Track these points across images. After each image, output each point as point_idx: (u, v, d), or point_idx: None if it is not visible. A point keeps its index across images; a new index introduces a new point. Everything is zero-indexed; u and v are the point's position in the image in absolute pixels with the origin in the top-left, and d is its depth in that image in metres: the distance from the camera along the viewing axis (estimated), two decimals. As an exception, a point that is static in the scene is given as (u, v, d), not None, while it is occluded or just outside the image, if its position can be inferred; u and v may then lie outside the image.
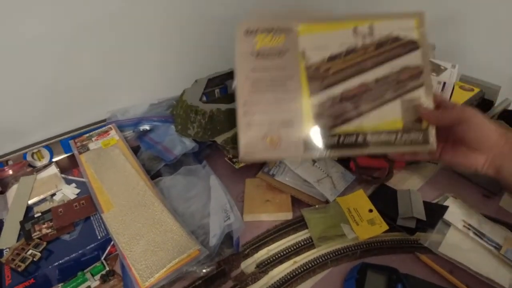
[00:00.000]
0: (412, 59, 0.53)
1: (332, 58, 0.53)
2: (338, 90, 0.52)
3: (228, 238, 0.67)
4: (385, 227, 0.70)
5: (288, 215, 0.74)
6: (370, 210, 0.73)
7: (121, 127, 0.91)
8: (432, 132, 0.51)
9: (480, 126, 0.50)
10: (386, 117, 0.51)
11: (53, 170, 0.83)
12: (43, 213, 0.70)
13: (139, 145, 0.89)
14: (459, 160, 0.53)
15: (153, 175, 0.80)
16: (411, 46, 0.53)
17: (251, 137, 0.51)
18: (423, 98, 0.52)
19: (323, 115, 0.51)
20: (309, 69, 0.52)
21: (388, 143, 0.51)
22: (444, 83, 0.82)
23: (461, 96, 0.89)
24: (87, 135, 0.89)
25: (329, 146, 0.50)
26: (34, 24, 0.81)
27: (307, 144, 0.50)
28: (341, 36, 0.53)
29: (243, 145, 0.51)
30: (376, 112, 0.52)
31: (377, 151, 0.51)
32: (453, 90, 0.82)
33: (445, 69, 0.86)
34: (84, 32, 0.87)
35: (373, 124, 0.51)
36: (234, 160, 0.81)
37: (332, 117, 0.51)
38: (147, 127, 0.91)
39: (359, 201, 0.76)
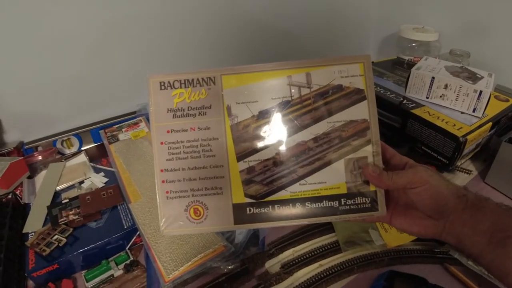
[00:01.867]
0: (357, 112, 0.46)
1: (263, 115, 0.46)
2: (271, 152, 0.46)
3: (253, 236, 0.66)
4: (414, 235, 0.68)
5: (314, 218, 0.73)
6: (400, 218, 0.71)
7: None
8: (381, 195, 0.46)
9: (437, 190, 0.44)
10: (328, 181, 0.45)
11: (82, 158, 0.84)
12: (71, 199, 0.71)
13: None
14: (412, 228, 0.47)
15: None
16: (356, 96, 0.46)
17: (172, 210, 0.45)
18: (370, 157, 0.46)
19: (254, 182, 0.45)
20: (235, 128, 0.46)
21: (330, 212, 0.45)
22: (481, 91, 0.80)
23: (496, 107, 0.86)
24: (117, 126, 0.90)
25: (263, 216, 0.45)
26: (71, 19, 0.82)
27: (238, 215, 0.45)
28: (273, 87, 0.46)
29: (163, 220, 0.45)
30: (316, 176, 0.45)
31: (317, 221, 0.45)
32: (489, 99, 0.80)
33: (482, 77, 0.83)
34: (118, 26, 0.88)
35: (313, 190, 0.45)
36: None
37: (265, 184, 0.45)
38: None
39: (388, 207, 0.74)
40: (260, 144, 0.46)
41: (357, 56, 0.46)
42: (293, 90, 0.46)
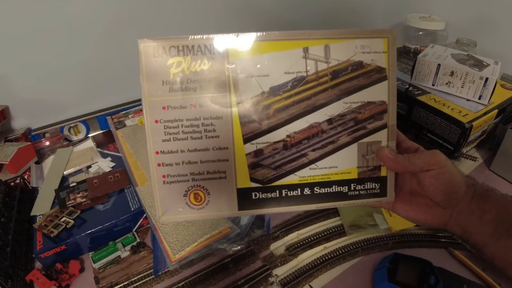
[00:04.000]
0: (376, 92, 0.42)
1: (274, 91, 0.41)
2: (281, 134, 0.41)
3: (258, 219, 0.67)
4: (419, 219, 0.68)
5: (319, 201, 0.73)
6: (404, 202, 0.71)
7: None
8: (391, 181, 0.44)
9: (452, 175, 0.42)
10: (339, 165, 0.43)
11: (89, 143, 0.85)
12: (78, 183, 0.72)
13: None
14: (418, 215, 0.46)
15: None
16: (376, 75, 0.42)
17: (169, 195, 0.41)
18: (385, 142, 0.43)
19: (261, 165, 0.42)
20: (242, 106, 0.40)
21: (339, 197, 0.43)
22: (487, 78, 0.79)
23: (502, 95, 0.86)
24: (124, 112, 0.90)
25: (269, 201, 0.42)
26: (80, 6, 0.83)
27: (242, 200, 0.41)
28: (287, 60, 0.40)
29: (159, 206, 0.41)
30: (327, 160, 0.43)
31: (325, 206, 0.44)
32: (494, 87, 0.80)
33: (488, 65, 0.83)
34: (126, 13, 0.88)
35: (322, 175, 0.43)
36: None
37: (273, 168, 0.42)
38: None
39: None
40: (269, 125, 0.41)
41: (382, 30, 0.42)
42: (309, 66, 0.41)
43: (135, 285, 0.60)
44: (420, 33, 1.13)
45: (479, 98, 0.82)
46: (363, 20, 1.35)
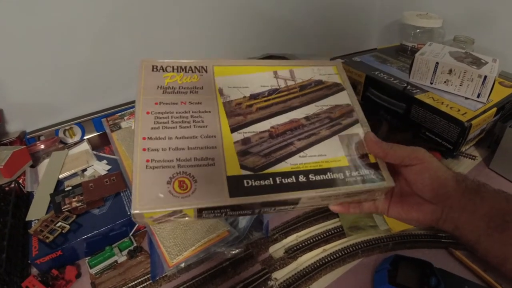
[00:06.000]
0: (340, 98, 0.50)
1: (254, 96, 0.47)
2: (265, 125, 0.45)
3: (257, 221, 0.66)
4: (419, 220, 0.67)
5: (318, 203, 0.72)
6: (404, 202, 0.71)
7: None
8: (383, 166, 0.45)
9: (436, 171, 0.43)
10: (328, 153, 0.44)
11: (85, 146, 0.84)
12: (74, 187, 0.71)
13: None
14: (411, 215, 0.46)
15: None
16: (335, 87, 0.52)
17: (151, 181, 0.37)
18: (362, 134, 0.47)
19: (251, 153, 0.42)
20: (228, 105, 0.45)
21: (337, 182, 0.42)
22: (485, 76, 0.79)
23: (500, 92, 0.86)
24: (119, 114, 0.89)
25: (264, 188, 0.40)
26: (73, 8, 0.82)
27: (233, 188, 0.39)
28: (262, 78, 0.50)
29: (137, 195, 0.37)
30: (314, 149, 0.44)
31: (326, 192, 0.42)
32: (493, 85, 0.79)
33: (486, 62, 0.82)
34: (121, 15, 0.88)
35: (314, 162, 0.43)
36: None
37: (262, 155, 0.42)
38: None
39: (393, 192, 0.73)
40: (253, 118, 0.45)
41: (330, 62, 0.55)
42: (279, 82, 0.51)
43: (132, 290, 0.59)
44: (417, 31, 1.12)
45: (478, 96, 0.81)
46: (359, 17, 1.34)
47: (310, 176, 0.42)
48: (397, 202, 0.47)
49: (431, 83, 0.85)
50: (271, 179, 0.41)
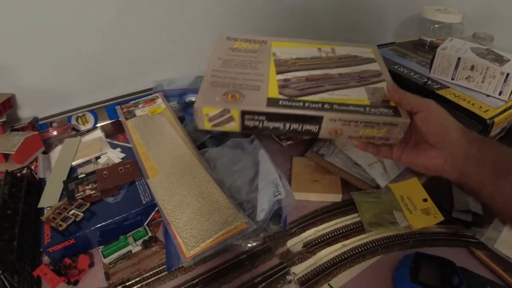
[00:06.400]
0: (371, 66, 0.59)
1: (299, 59, 0.59)
2: (304, 74, 0.56)
3: (274, 214, 0.64)
4: (440, 218, 0.66)
5: (337, 197, 0.72)
6: (425, 200, 0.70)
7: (166, 97, 0.90)
8: (401, 108, 0.51)
9: (442, 120, 0.48)
10: (353, 95, 0.52)
11: (98, 133, 0.82)
12: (87, 174, 0.70)
13: (183, 116, 0.87)
14: (420, 160, 0.50)
15: (198, 146, 0.78)
16: (369, 60, 0.61)
17: (212, 91, 0.50)
18: (386, 88, 0.54)
19: (288, 87, 0.53)
20: (278, 61, 0.58)
21: (358, 111, 0.50)
22: (508, 74, 0.77)
23: (522, 90, 0.84)
24: (134, 102, 0.88)
25: (293, 107, 0.49)
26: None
27: (270, 103, 0.49)
28: (307, 50, 0.62)
29: (200, 94, 0.50)
30: (342, 91, 0.53)
31: (347, 115, 0.49)
32: (516, 83, 0.78)
33: (508, 60, 0.81)
34: (135, 3, 0.86)
35: (339, 98, 0.52)
36: (281, 137, 0.79)
37: (298, 89, 0.52)
38: (192, 98, 0.89)
39: (413, 189, 0.72)
40: (295, 68, 0.57)
41: (367, 45, 0.65)
42: (322, 54, 0.62)
43: (147, 281, 0.58)
44: (436, 25, 1.10)
45: (499, 94, 0.79)
46: (377, 10, 1.31)
47: (334, 105, 0.50)
48: (410, 149, 0.52)
49: (452, 79, 0.83)
50: (301, 103, 0.50)
